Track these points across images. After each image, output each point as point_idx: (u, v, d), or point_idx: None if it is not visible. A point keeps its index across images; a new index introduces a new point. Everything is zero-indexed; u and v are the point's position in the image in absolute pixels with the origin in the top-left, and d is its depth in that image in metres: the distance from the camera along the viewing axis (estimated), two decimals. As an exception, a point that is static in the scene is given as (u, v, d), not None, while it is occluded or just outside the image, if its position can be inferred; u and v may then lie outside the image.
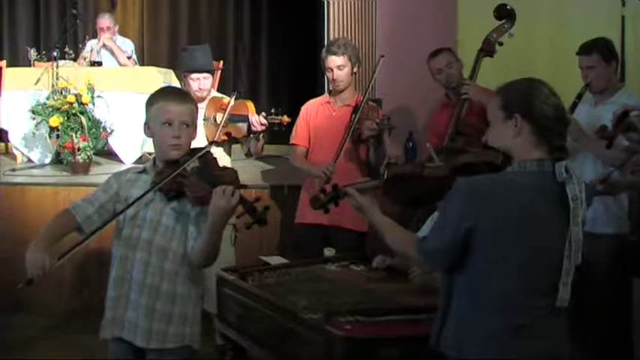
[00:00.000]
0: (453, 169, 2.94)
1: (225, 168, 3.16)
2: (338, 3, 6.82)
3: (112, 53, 8.22)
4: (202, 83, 5.07)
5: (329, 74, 4.93)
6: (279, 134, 5.28)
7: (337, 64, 4.87)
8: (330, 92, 5.12)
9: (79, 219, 3.16)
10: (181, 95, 3.27)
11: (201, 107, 4.96)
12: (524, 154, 2.62)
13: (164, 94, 3.25)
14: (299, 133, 5.08)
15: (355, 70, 4.96)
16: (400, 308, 3.22)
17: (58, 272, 5.84)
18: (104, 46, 8.22)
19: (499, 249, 2.54)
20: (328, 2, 6.87)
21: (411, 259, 2.87)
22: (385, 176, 3.11)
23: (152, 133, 3.19)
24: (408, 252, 2.79)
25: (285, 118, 4.78)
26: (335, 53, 4.87)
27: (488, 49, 4.92)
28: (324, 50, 4.97)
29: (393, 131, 4.70)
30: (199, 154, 3.09)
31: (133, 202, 3.08)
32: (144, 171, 3.24)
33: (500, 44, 4.92)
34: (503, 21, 4.94)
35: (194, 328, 3.20)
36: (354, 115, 4.79)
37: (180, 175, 3.04)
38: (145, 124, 3.21)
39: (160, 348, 3.12)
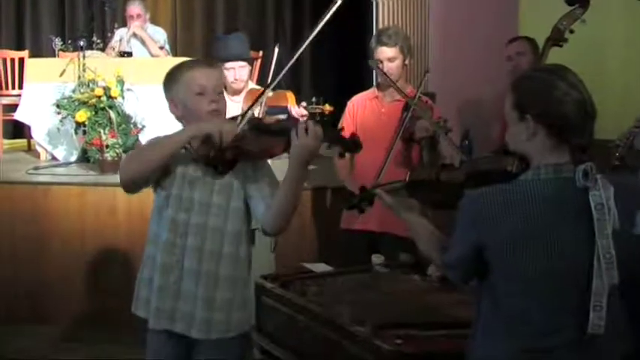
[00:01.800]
0: (467, 176, 2.93)
1: (278, 119, 3.19)
2: (388, -12, 6.84)
3: (143, 43, 8.29)
4: (238, 73, 5.10)
5: (378, 66, 4.93)
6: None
7: (388, 56, 4.85)
8: (378, 86, 5.12)
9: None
10: (208, 62, 3.36)
11: (238, 101, 5.00)
12: (540, 158, 2.51)
13: (189, 64, 3.28)
14: (345, 131, 5.07)
15: (407, 62, 4.95)
16: (455, 322, 3.21)
17: (78, 278, 6.01)
18: (134, 35, 8.30)
19: (511, 266, 2.46)
20: (378, -13, 6.88)
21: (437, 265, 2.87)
22: (406, 179, 3.15)
23: (182, 109, 3.21)
24: (435, 260, 2.79)
25: (327, 107, 4.76)
26: (386, 44, 4.84)
27: (557, 38, 4.85)
28: (373, 40, 4.94)
29: (450, 134, 4.65)
30: (249, 109, 3.28)
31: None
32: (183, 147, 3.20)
33: (571, 32, 4.84)
34: (575, 6, 4.88)
35: (252, 307, 3.32)
36: (405, 113, 4.76)
37: (234, 140, 3.06)
38: (171, 101, 3.25)
39: (222, 338, 3.16)
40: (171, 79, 3.25)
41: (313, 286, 3.81)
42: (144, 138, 7.10)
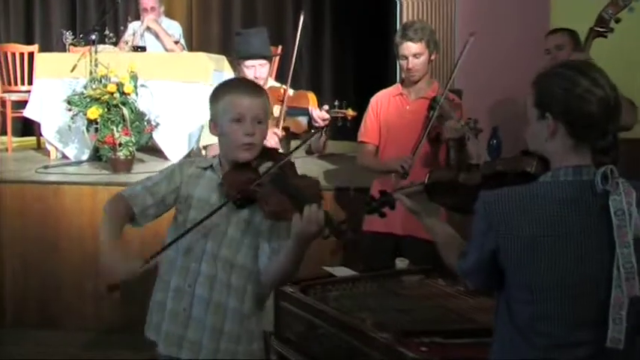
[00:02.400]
0: (484, 177, 2.93)
1: (304, 177, 3.12)
2: (413, -20, 6.83)
3: (157, 37, 8.33)
4: (258, 71, 5.11)
5: (403, 62, 4.89)
6: (343, 130, 5.30)
7: (413, 52, 4.83)
8: (402, 82, 5.11)
9: (137, 210, 3.16)
10: (253, 87, 3.22)
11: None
12: (560, 159, 2.47)
13: (233, 86, 3.23)
14: (368, 129, 5.09)
15: (433, 57, 4.94)
16: (482, 329, 3.19)
17: (90, 281, 6.03)
18: (148, 28, 8.33)
19: (525, 273, 2.43)
20: (402, -21, 6.87)
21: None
22: (426, 181, 3.15)
23: (219, 131, 3.16)
24: (454, 265, 2.77)
25: (350, 112, 4.80)
26: (411, 39, 4.80)
27: (601, 27, 4.77)
28: (398, 35, 4.91)
29: (479, 135, 4.62)
30: (281, 163, 3.06)
31: (197, 224, 3.04)
32: (209, 167, 3.21)
33: (617, 21, 4.77)
34: None
35: (260, 344, 3.23)
36: (432, 112, 4.74)
37: (248, 180, 3.02)
38: (211, 121, 3.19)
39: None
40: (214, 96, 3.19)
41: (334, 291, 3.82)
42: (158, 136, 7.13)
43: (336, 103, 4.85)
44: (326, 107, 4.84)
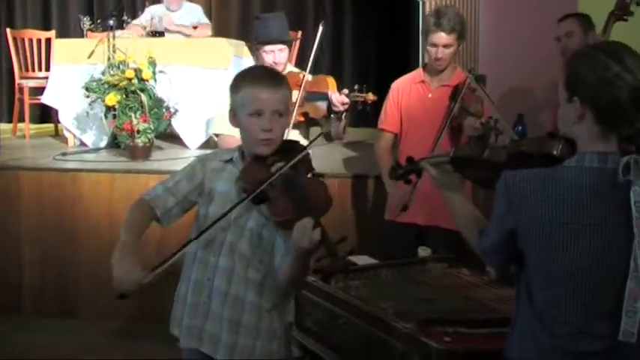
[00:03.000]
0: (509, 156, 2.91)
1: (314, 180, 3.10)
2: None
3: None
4: (277, 56, 5.10)
5: (431, 50, 4.85)
6: (365, 115, 5.29)
7: (444, 42, 4.79)
8: (424, 67, 5.10)
9: (159, 212, 3.19)
10: (274, 79, 3.16)
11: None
12: (586, 144, 2.44)
13: (253, 77, 3.17)
14: (388, 117, 5.08)
15: (460, 47, 4.95)
16: (506, 319, 3.16)
17: (108, 270, 6.02)
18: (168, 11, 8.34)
19: (543, 258, 2.43)
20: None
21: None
22: (451, 154, 3.14)
23: (239, 122, 3.15)
24: (472, 243, 2.76)
25: (371, 96, 4.77)
26: (444, 29, 4.76)
27: (621, 11, 4.73)
28: (430, 21, 4.82)
29: (499, 137, 4.56)
30: (293, 161, 3.04)
31: (217, 221, 3.05)
32: (230, 160, 3.21)
33: (639, 4, 4.72)
34: None
35: (282, 342, 3.22)
36: (453, 103, 4.72)
37: (265, 178, 3.01)
38: (230, 111, 3.18)
39: None
40: (234, 87, 3.16)
41: (356, 280, 3.82)
42: (177, 122, 7.15)
43: (356, 87, 4.82)
44: (345, 91, 4.81)
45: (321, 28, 5.05)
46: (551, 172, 2.45)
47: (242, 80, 3.15)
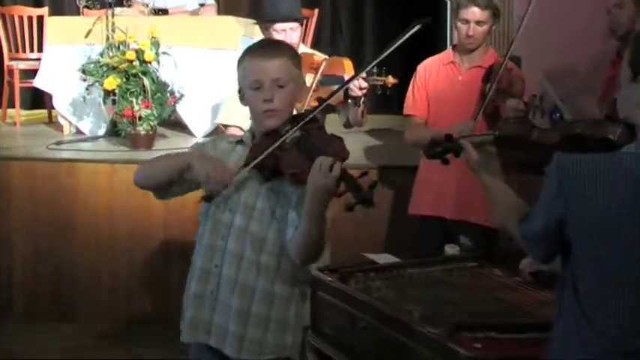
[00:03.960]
0: (561, 137, 2.91)
1: (331, 137, 3.13)
2: None
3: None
4: (289, 36, 5.08)
5: (463, 27, 4.86)
6: (388, 101, 5.29)
7: (477, 18, 4.80)
8: (454, 47, 5.10)
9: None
10: (270, 47, 3.28)
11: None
12: None
13: (250, 49, 3.26)
14: (417, 101, 5.07)
15: (494, 27, 4.95)
16: (542, 323, 3.18)
17: (107, 269, 6.09)
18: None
19: (591, 250, 2.44)
20: None
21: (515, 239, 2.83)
22: (497, 132, 3.14)
23: (246, 100, 3.22)
24: (512, 231, 2.76)
25: (390, 79, 4.76)
26: (478, 4, 4.77)
27: None
28: None
29: (545, 115, 4.55)
30: (302, 123, 3.09)
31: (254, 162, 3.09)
32: (240, 142, 3.27)
33: None
34: None
35: (296, 337, 3.25)
36: (488, 85, 4.70)
37: (277, 150, 3.05)
38: (239, 91, 3.24)
39: None
40: (238, 64, 3.25)
41: (377, 280, 3.82)
42: (182, 108, 7.15)
43: (375, 69, 4.81)
44: (363, 74, 4.80)
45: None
46: (607, 158, 2.46)
47: (242, 55, 3.24)
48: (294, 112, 3.28)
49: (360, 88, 4.73)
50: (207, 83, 7.19)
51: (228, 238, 3.17)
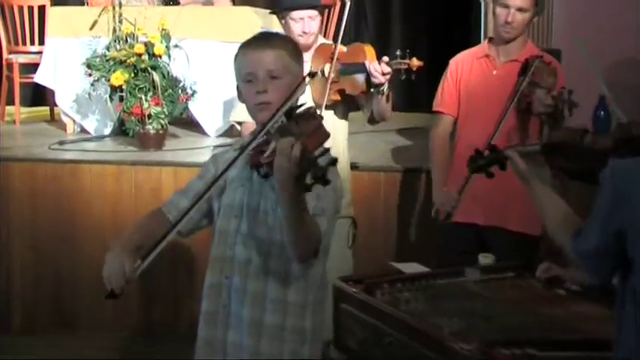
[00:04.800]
0: (616, 142, 2.89)
1: (312, 120, 3.02)
2: None
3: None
4: (307, 25, 5.07)
5: (501, 12, 4.82)
6: (417, 100, 5.27)
7: (519, 5, 4.76)
8: (489, 40, 5.08)
9: (172, 217, 3.27)
10: (264, 39, 3.31)
11: (306, 60, 4.99)
12: None
13: (244, 42, 3.31)
14: (445, 97, 5.07)
15: (535, 19, 4.92)
16: (586, 340, 3.18)
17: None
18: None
19: None
20: None
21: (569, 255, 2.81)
22: (544, 140, 3.13)
23: (242, 96, 3.27)
24: (565, 245, 2.75)
25: (415, 62, 4.72)
26: None
27: None
28: None
29: (573, 110, 4.53)
30: (283, 109, 3.04)
31: (219, 177, 3.10)
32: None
33: None
34: None
35: (314, 350, 3.26)
36: (522, 77, 4.69)
37: (264, 143, 2.99)
38: (237, 87, 3.30)
39: None
40: (235, 57, 3.30)
41: (405, 292, 3.81)
42: (194, 106, 7.15)
43: (398, 52, 4.78)
44: (386, 59, 4.74)
45: (348, 4, 5.04)
46: None
47: (238, 49, 3.28)
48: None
49: (383, 74, 4.70)
50: (222, 79, 7.18)
51: (235, 246, 3.20)
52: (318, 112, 3.35)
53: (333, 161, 2.77)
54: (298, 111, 3.06)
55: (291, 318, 3.19)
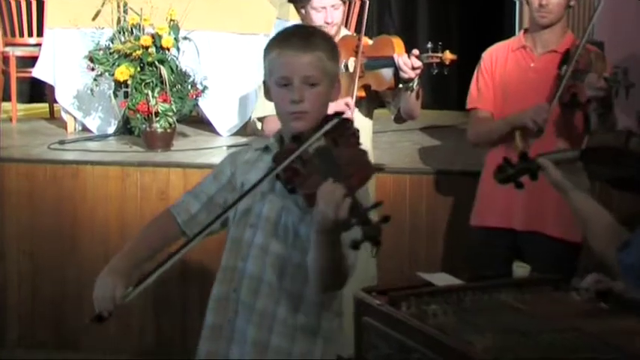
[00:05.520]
0: None
1: (357, 151, 3.08)
2: None
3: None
4: (330, 15, 5.06)
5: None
6: (445, 96, 5.25)
7: None
8: (525, 31, 5.06)
9: (181, 220, 3.27)
10: (302, 38, 3.21)
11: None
12: None
13: (280, 38, 3.25)
14: (482, 93, 5.05)
15: (572, 2, 4.88)
16: (631, 358, 3.16)
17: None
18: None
19: None
20: None
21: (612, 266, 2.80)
22: (584, 145, 3.10)
23: (272, 95, 3.22)
24: (608, 257, 2.75)
25: (448, 55, 4.72)
26: None
27: None
28: None
29: (630, 91, 4.49)
30: (325, 129, 3.04)
31: (245, 193, 3.08)
32: (267, 148, 3.25)
33: None
34: None
35: None
36: (564, 67, 4.67)
37: (298, 160, 3.01)
38: (264, 82, 3.25)
39: None
40: (264, 52, 3.24)
41: (433, 305, 3.78)
42: (205, 103, 7.15)
43: (429, 45, 4.75)
44: (416, 52, 4.72)
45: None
46: None
47: (271, 43, 3.24)
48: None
49: (413, 68, 4.68)
50: (235, 73, 7.21)
51: (247, 259, 3.17)
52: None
53: (387, 219, 2.77)
54: (338, 130, 3.05)
55: (300, 344, 3.18)
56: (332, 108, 3.26)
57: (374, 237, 2.77)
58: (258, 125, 5.19)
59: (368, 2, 5.18)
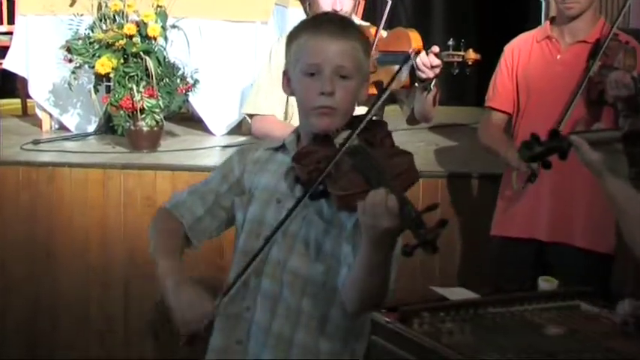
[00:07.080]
0: None
1: (397, 152, 3.08)
2: None
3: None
4: (339, 3, 5.09)
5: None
6: (462, 92, 5.26)
7: None
8: (551, 20, 5.07)
9: (186, 222, 3.27)
10: (338, 25, 3.17)
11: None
12: None
13: (312, 22, 3.24)
14: (499, 90, 5.08)
15: None
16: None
17: (97, 304, 6.11)
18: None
19: None
20: None
21: None
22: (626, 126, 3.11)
23: (292, 87, 3.18)
24: None
25: (472, 54, 4.73)
26: None
27: None
28: None
29: None
30: (361, 126, 3.02)
31: (274, 232, 3.06)
32: (281, 147, 3.23)
33: None
34: None
35: None
36: (591, 61, 4.68)
37: (325, 160, 2.98)
38: (284, 73, 3.22)
39: None
40: (288, 38, 3.22)
41: (448, 322, 3.80)
42: (196, 98, 7.15)
43: (451, 42, 4.76)
44: (435, 49, 4.73)
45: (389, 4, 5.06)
46: None
47: (297, 29, 3.20)
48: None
49: (432, 67, 4.68)
50: (229, 65, 7.23)
51: (261, 274, 3.15)
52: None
53: (444, 222, 2.79)
54: (371, 131, 3.05)
55: None
56: None
57: (431, 242, 2.79)
58: (249, 120, 5.20)
59: None
